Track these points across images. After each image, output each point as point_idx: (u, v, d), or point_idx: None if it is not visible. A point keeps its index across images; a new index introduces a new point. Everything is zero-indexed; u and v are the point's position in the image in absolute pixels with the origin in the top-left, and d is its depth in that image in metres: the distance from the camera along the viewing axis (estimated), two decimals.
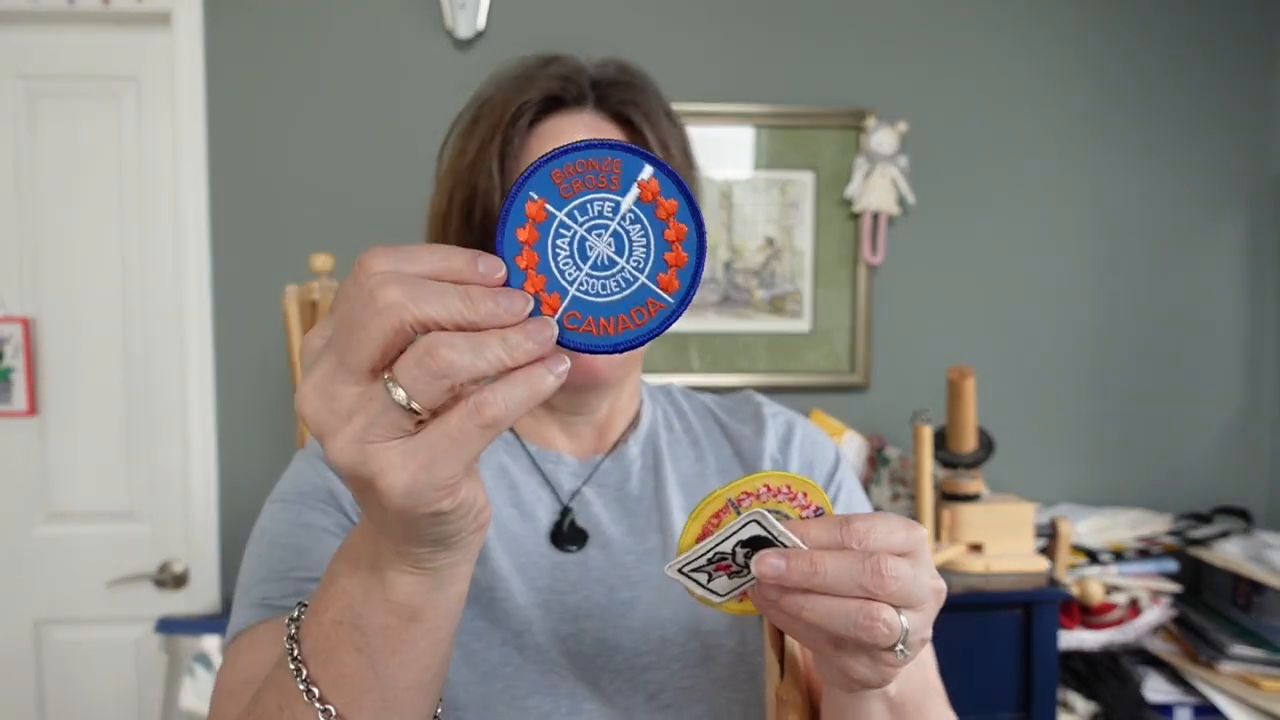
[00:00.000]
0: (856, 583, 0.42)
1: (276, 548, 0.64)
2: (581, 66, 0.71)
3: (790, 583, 0.42)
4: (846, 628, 0.42)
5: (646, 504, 0.73)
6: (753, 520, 0.44)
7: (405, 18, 1.87)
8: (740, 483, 0.46)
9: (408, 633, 0.42)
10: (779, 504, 0.46)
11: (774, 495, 0.46)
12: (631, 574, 0.69)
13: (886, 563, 0.42)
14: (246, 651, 0.58)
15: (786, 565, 0.42)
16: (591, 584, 0.68)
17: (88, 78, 1.86)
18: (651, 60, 0.80)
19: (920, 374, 1.96)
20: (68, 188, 1.87)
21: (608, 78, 0.71)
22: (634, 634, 0.66)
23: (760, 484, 0.46)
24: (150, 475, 1.90)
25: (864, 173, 1.91)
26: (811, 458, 0.77)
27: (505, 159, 0.66)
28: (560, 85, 0.68)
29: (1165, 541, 1.79)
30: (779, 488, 0.46)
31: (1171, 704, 1.62)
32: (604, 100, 0.70)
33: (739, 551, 0.45)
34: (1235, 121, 2.02)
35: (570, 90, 0.69)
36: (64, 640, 1.89)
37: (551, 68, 0.70)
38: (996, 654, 1.54)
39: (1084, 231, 2.01)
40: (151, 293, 1.89)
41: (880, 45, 1.95)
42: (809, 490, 0.46)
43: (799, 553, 0.43)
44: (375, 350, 0.34)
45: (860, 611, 0.42)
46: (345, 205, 1.87)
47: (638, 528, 0.71)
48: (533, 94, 0.68)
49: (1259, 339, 2.05)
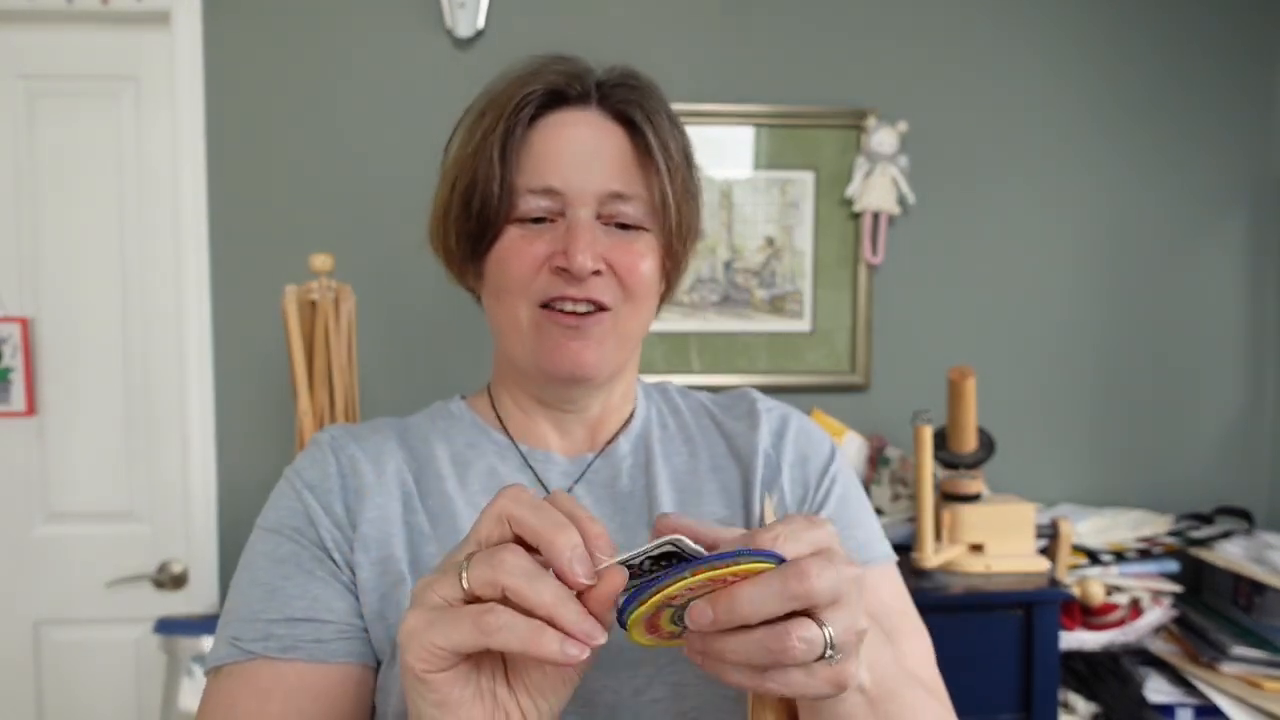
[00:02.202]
0: (786, 597, 0.42)
1: (255, 585, 0.65)
2: (589, 67, 0.73)
3: (720, 625, 0.43)
4: (764, 656, 0.43)
5: (637, 500, 0.73)
6: (668, 542, 0.44)
7: (405, 17, 1.87)
8: (659, 595, 0.44)
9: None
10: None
11: (701, 590, 0.44)
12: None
13: (810, 566, 0.42)
14: (219, 695, 0.62)
15: (713, 610, 0.43)
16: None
17: (87, 77, 1.86)
18: (652, 60, 0.80)
19: (920, 374, 1.96)
20: (67, 188, 1.87)
21: (613, 79, 0.72)
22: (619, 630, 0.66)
23: (682, 588, 0.44)
24: (149, 475, 1.90)
25: (864, 172, 1.91)
26: (805, 452, 0.77)
27: (506, 149, 0.67)
28: (565, 80, 0.69)
29: (1166, 542, 1.79)
30: (699, 586, 0.44)
31: (1173, 705, 1.62)
32: (607, 100, 0.71)
33: (647, 562, 0.45)
34: (1237, 121, 2.02)
35: (575, 87, 0.70)
36: (63, 641, 1.89)
37: (559, 65, 0.71)
38: (997, 654, 1.53)
39: (1085, 231, 2.01)
40: (150, 293, 1.89)
41: (880, 45, 1.95)
42: (737, 572, 0.44)
43: (720, 594, 0.43)
44: (455, 646, 0.44)
45: (770, 636, 0.42)
46: (345, 205, 1.87)
47: (628, 524, 0.72)
48: (537, 86, 0.69)
49: (1260, 339, 2.05)
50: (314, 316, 1.57)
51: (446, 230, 0.72)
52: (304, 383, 1.55)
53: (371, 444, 0.72)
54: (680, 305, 1.93)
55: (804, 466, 0.76)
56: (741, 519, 0.73)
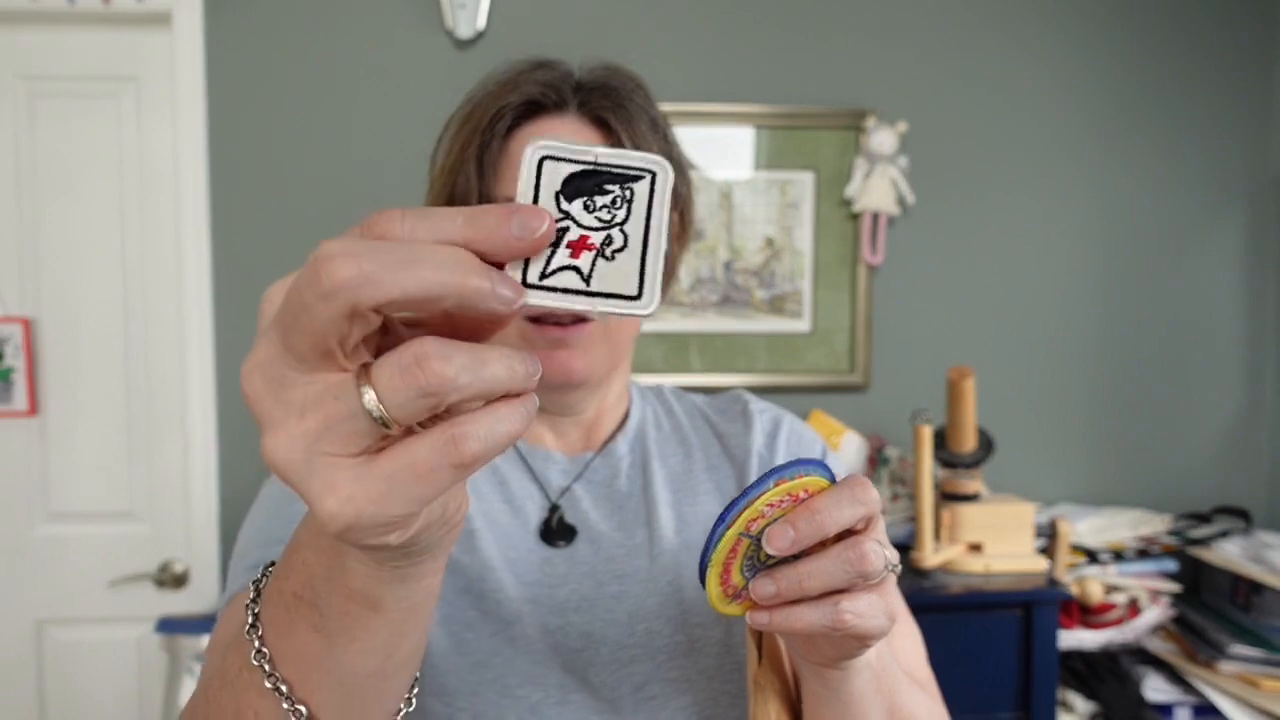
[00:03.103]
0: (856, 503, 0.44)
1: (277, 516, 0.63)
2: (568, 71, 0.71)
3: (802, 541, 0.44)
4: (844, 571, 0.44)
5: (635, 500, 0.73)
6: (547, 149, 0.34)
7: (405, 18, 1.87)
8: (744, 515, 0.46)
9: (368, 621, 0.38)
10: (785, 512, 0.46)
11: (779, 508, 0.46)
12: (619, 568, 0.70)
13: (861, 477, 0.45)
14: (240, 608, 0.56)
15: (794, 526, 0.44)
16: (580, 578, 0.69)
17: (88, 78, 1.86)
18: (651, 60, 0.80)
19: (920, 374, 1.96)
20: (68, 188, 1.87)
21: (593, 81, 0.71)
22: (620, 627, 0.67)
23: (763, 505, 0.46)
24: (151, 475, 1.90)
25: (864, 173, 1.91)
26: (797, 453, 0.78)
27: (483, 163, 0.67)
28: (541, 91, 0.69)
29: (1165, 541, 1.79)
30: (779, 500, 0.46)
31: (1171, 704, 1.63)
32: (586, 106, 0.70)
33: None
34: (1235, 121, 2.02)
35: (550, 96, 0.69)
36: (64, 640, 1.90)
37: (538, 73, 0.70)
38: (996, 654, 1.54)
39: (1084, 231, 2.01)
40: (152, 293, 1.89)
41: (880, 45, 1.96)
42: (808, 486, 0.46)
43: (798, 510, 0.45)
44: (321, 340, 0.28)
45: (847, 547, 0.44)
46: (345, 205, 1.87)
47: (626, 523, 0.72)
48: (513, 99, 0.68)
49: (1259, 339, 2.05)
50: None
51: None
52: None
53: None
54: (680, 305, 1.94)
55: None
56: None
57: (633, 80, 0.72)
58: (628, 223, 0.34)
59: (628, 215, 0.34)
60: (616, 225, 0.34)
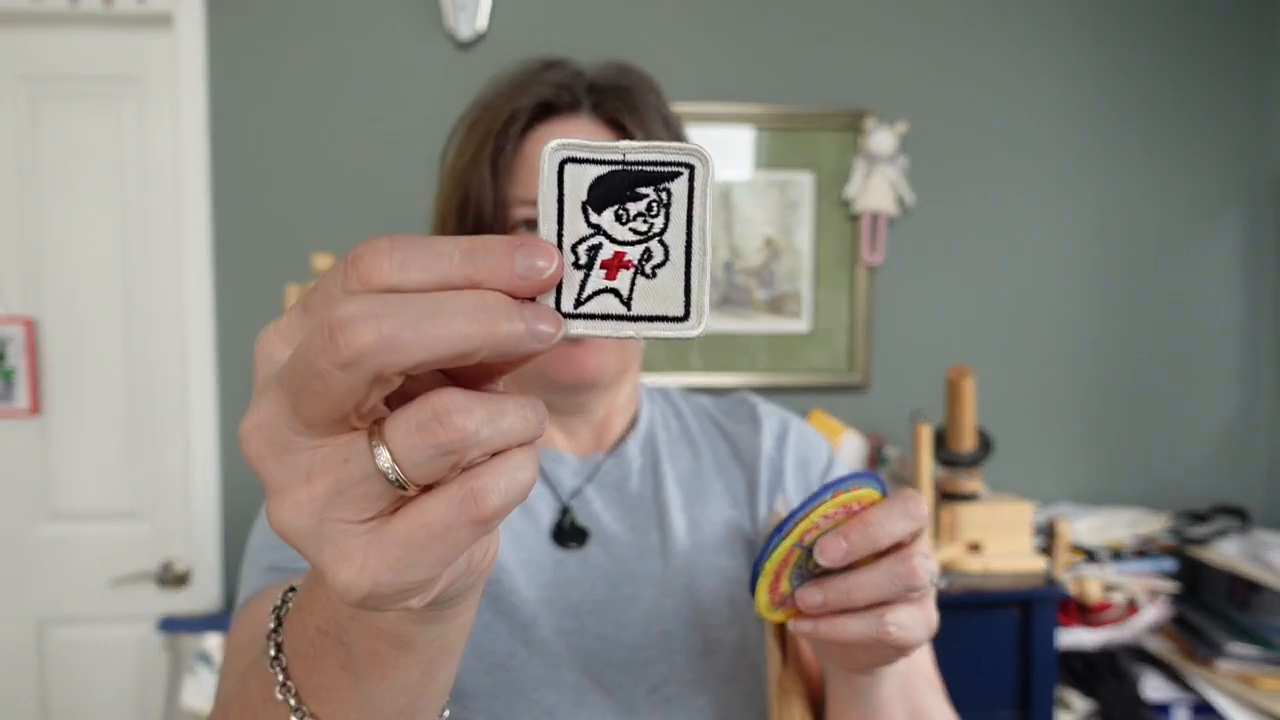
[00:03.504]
0: (908, 517, 0.46)
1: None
2: (579, 71, 0.70)
3: (855, 552, 0.45)
4: (893, 583, 0.46)
5: (646, 502, 0.73)
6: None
7: (405, 18, 1.87)
8: (801, 526, 0.47)
9: (398, 660, 0.36)
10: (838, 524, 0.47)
11: (833, 519, 0.47)
12: (633, 569, 0.70)
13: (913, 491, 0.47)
14: (258, 611, 0.56)
15: (847, 538, 0.45)
16: (594, 580, 0.69)
17: (90, 79, 1.87)
18: (651, 60, 0.80)
19: (919, 374, 1.97)
20: (70, 188, 1.87)
21: (605, 81, 0.70)
22: (635, 628, 0.67)
23: (819, 517, 0.46)
24: (152, 474, 1.90)
25: (863, 173, 1.92)
26: (806, 456, 0.78)
27: (497, 165, 0.67)
28: (554, 92, 0.68)
29: (1163, 540, 1.80)
30: (833, 512, 0.47)
31: (1169, 702, 1.63)
32: (599, 106, 0.69)
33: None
34: (1233, 121, 2.03)
35: (564, 97, 0.68)
36: (66, 639, 1.90)
37: (549, 73, 0.69)
38: (995, 653, 1.54)
39: (1083, 231, 2.02)
40: (153, 293, 1.89)
41: (880, 45, 1.96)
42: (861, 499, 0.47)
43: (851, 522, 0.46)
44: (338, 408, 0.26)
45: (896, 560, 0.46)
46: (346, 205, 1.87)
47: (639, 525, 0.72)
48: (526, 101, 0.67)
49: (1256, 338, 2.06)
50: None
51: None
52: None
53: None
54: None
55: (805, 470, 0.77)
56: (748, 519, 0.74)
57: (645, 79, 0.72)
58: (667, 231, 0.30)
59: (666, 222, 0.30)
60: (655, 236, 0.30)
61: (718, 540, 0.72)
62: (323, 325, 0.25)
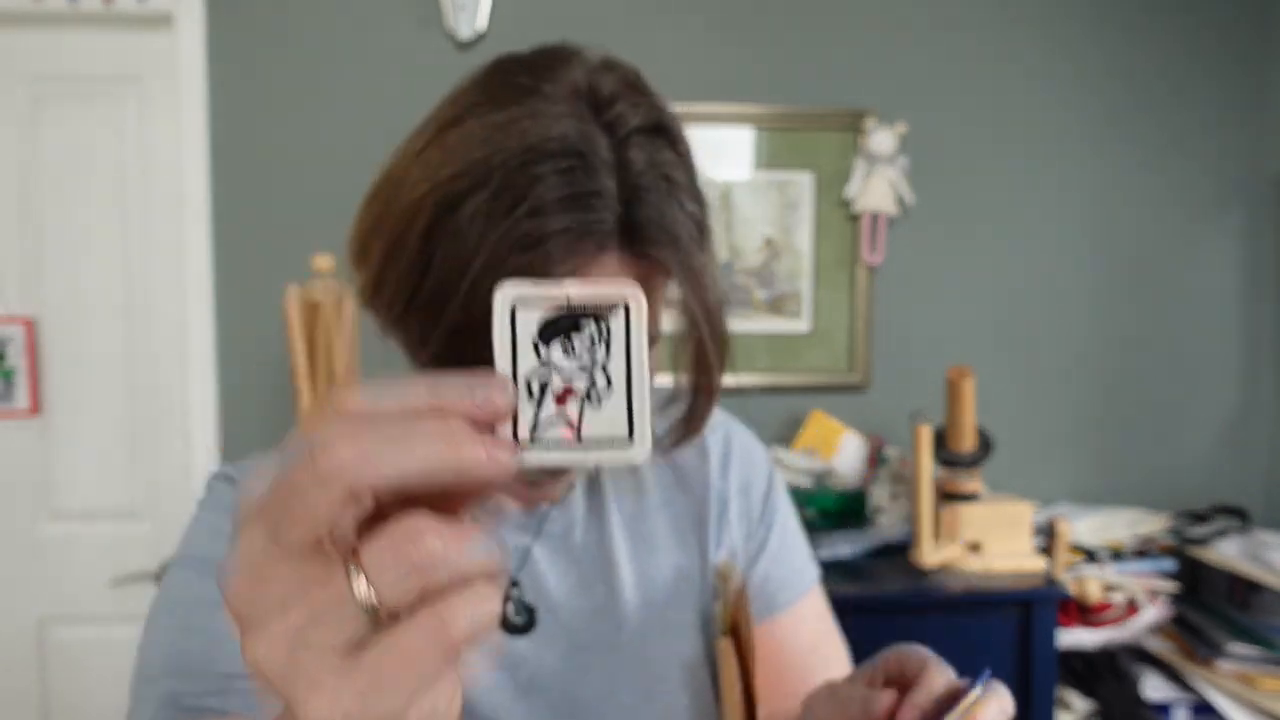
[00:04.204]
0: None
1: (192, 631, 0.54)
2: (610, 199, 0.50)
3: None
4: None
5: (591, 552, 0.67)
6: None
7: (406, 18, 1.87)
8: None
9: None
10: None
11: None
12: (583, 638, 0.65)
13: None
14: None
15: None
16: (541, 654, 0.63)
17: (90, 79, 1.87)
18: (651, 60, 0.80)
19: (919, 374, 1.97)
20: (70, 188, 1.87)
21: (638, 182, 0.52)
22: (587, 701, 0.64)
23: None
24: (153, 474, 1.91)
25: (863, 173, 1.92)
26: (748, 478, 0.74)
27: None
28: (577, 234, 0.49)
29: (1163, 540, 1.80)
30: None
31: (1169, 702, 1.63)
32: (633, 235, 0.51)
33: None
34: (1233, 122, 2.03)
35: (597, 227, 0.50)
36: (67, 638, 1.90)
37: (572, 214, 0.49)
38: (995, 653, 1.54)
39: (1082, 231, 2.02)
40: (154, 293, 1.90)
41: (880, 45, 1.96)
42: (973, 712, 0.49)
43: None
44: (314, 528, 0.27)
45: None
46: (346, 205, 1.85)
47: (585, 580, 0.66)
48: (543, 239, 0.49)
49: (1256, 337, 2.06)
50: (316, 317, 1.58)
51: (403, 297, 0.54)
52: (306, 382, 1.56)
53: None
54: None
55: (747, 495, 0.73)
56: (696, 562, 0.70)
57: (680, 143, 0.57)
58: (609, 362, 0.33)
59: (608, 353, 0.33)
60: (598, 366, 0.33)
61: (667, 594, 0.68)
62: (304, 448, 0.27)
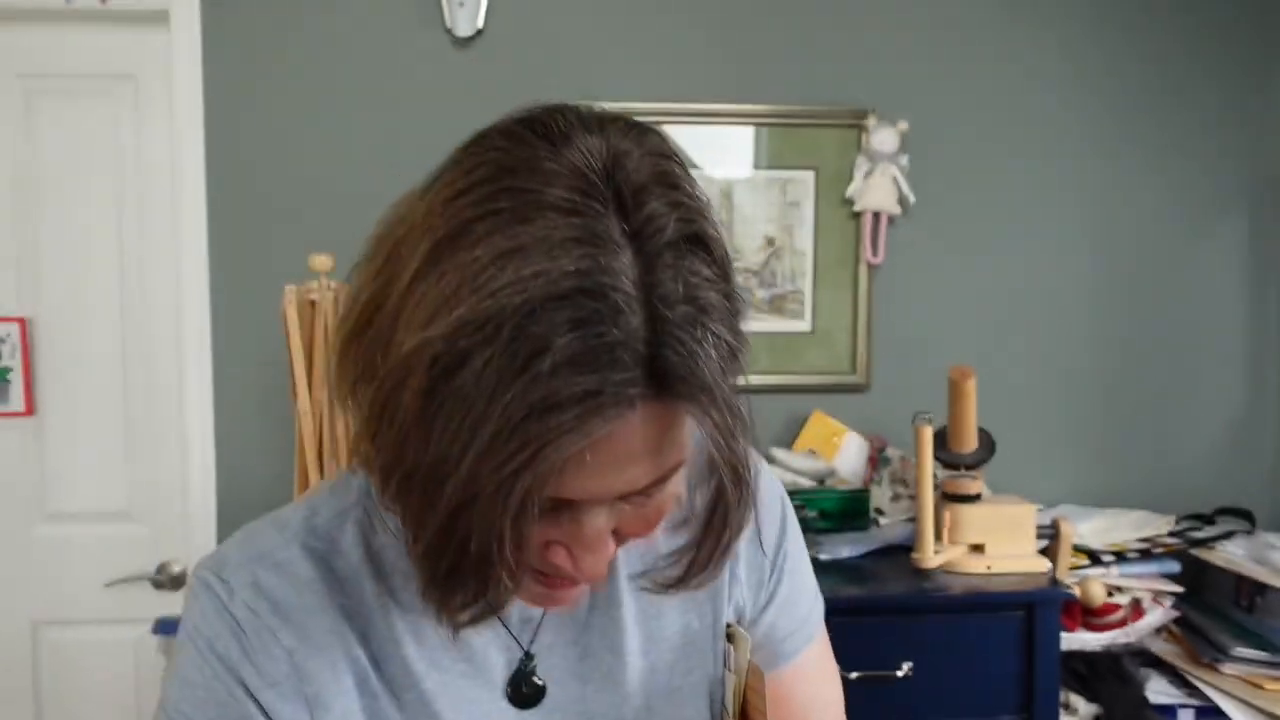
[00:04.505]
0: None
1: (220, 708, 0.55)
2: (630, 332, 0.40)
3: None
4: None
5: (598, 615, 0.63)
6: None
7: (405, 16, 1.86)
8: None
9: None
10: None
11: None
12: (588, 707, 0.62)
13: None
14: None
15: None
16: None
17: (85, 76, 1.86)
18: (652, 60, 0.79)
19: (921, 374, 1.95)
20: (65, 187, 1.86)
21: (668, 318, 0.41)
22: None
23: None
24: (148, 476, 1.89)
25: (864, 172, 1.90)
26: (758, 526, 0.65)
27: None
28: (601, 383, 0.40)
29: (1167, 542, 1.79)
30: None
31: (1174, 705, 1.62)
32: (659, 385, 0.42)
33: None
34: (1235, 122, 2.02)
35: (620, 390, 0.41)
36: (62, 641, 1.89)
37: (597, 375, 0.40)
38: (998, 655, 1.53)
39: (1085, 231, 2.01)
40: (149, 292, 1.89)
41: (880, 45, 1.95)
42: None
43: None
44: None
45: None
46: (344, 205, 1.86)
47: (591, 649, 0.62)
48: (568, 392, 0.40)
49: (1260, 339, 2.05)
50: (314, 316, 1.57)
51: (401, 469, 0.44)
52: (303, 383, 1.55)
53: (300, 621, 0.55)
54: None
55: (756, 544, 0.67)
56: (707, 620, 0.65)
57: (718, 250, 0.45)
58: None
59: None
60: None
61: (674, 659, 0.64)
62: None
